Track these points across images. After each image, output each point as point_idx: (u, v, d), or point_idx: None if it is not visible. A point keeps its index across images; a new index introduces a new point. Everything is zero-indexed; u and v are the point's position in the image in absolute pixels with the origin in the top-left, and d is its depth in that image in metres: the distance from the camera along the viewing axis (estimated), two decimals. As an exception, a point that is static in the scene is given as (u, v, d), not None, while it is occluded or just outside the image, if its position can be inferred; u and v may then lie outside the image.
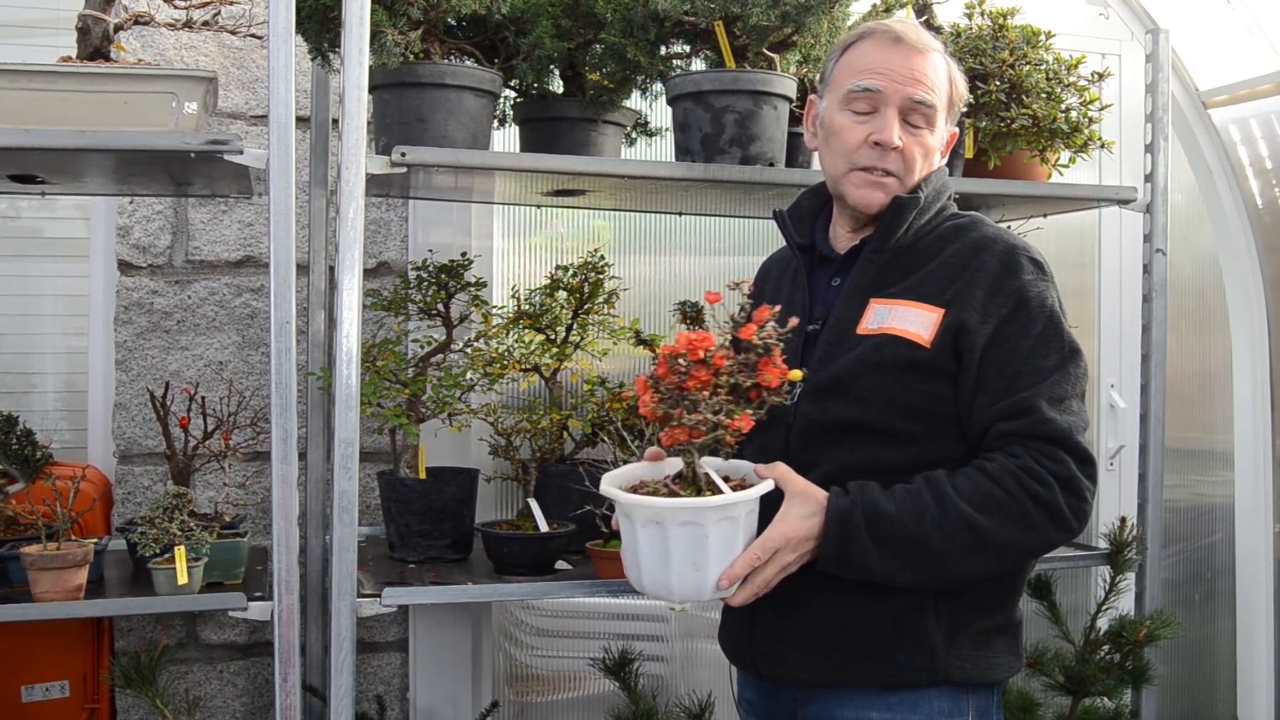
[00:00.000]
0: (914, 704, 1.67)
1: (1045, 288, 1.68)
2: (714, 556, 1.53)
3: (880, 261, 1.75)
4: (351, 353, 1.90)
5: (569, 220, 3.06)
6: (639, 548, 1.56)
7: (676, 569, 1.53)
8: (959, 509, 1.57)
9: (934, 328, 1.65)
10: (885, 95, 1.72)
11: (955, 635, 1.67)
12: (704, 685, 2.75)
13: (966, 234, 1.73)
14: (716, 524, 1.51)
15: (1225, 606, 3.46)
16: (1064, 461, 1.59)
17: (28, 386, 2.77)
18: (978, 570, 1.62)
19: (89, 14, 2.01)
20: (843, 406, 1.68)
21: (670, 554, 1.52)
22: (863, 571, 1.59)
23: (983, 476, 1.59)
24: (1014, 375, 1.63)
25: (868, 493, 1.59)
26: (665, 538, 1.52)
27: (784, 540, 1.56)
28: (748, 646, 1.78)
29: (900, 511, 1.58)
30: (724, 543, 1.53)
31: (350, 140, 1.90)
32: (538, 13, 2.16)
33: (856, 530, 1.57)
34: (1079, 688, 2.47)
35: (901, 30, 1.75)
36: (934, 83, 1.73)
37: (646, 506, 1.52)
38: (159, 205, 2.67)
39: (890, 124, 1.72)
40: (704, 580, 1.54)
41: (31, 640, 2.40)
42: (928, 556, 1.58)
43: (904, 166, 1.74)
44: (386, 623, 2.80)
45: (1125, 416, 3.25)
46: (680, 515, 1.51)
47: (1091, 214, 3.22)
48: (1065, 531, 1.61)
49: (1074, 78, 2.45)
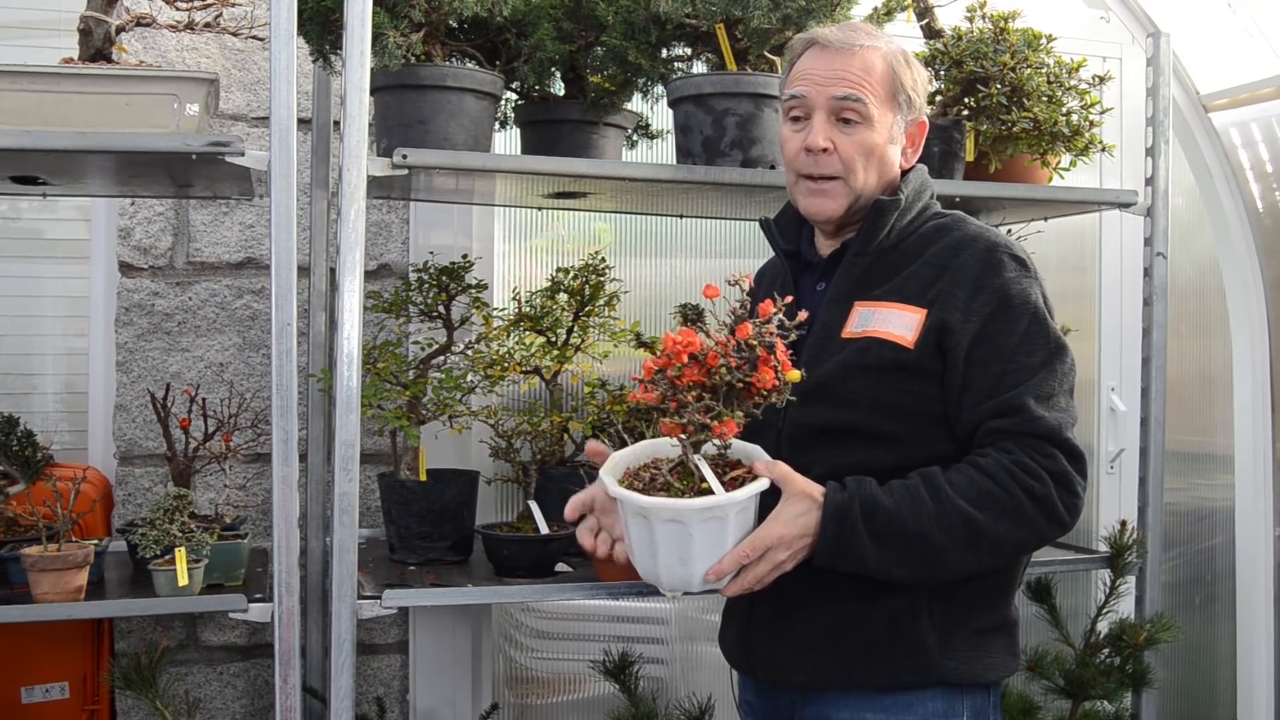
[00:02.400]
0: (909, 705, 1.67)
1: (1028, 285, 1.68)
2: (699, 553, 1.53)
3: (863, 264, 1.75)
4: (352, 355, 1.90)
5: (570, 222, 3.06)
6: (630, 535, 1.58)
7: (664, 563, 1.55)
8: (955, 504, 1.57)
9: (917, 329, 1.66)
10: (811, 100, 1.73)
11: (949, 636, 1.67)
12: (704, 688, 2.75)
13: (948, 233, 1.73)
14: (701, 524, 1.52)
15: (1225, 610, 3.46)
16: (1055, 457, 1.60)
17: (28, 388, 2.77)
18: (972, 565, 1.62)
19: (91, 15, 2.01)
20: (830, 410, 1.68)
21: (657, 547, 1.54)
22: (858, 566, 1.59)
23: (977, 472, 1.59)
24: (1000, 373, 1.63)
25: (865, 488, 1.59)
26: (651, 531, 1.53)
27: (776, 539, 1.56)
28: (744, 650, 1.79)
29: (898, 506, 1.57)
30: (710, 540, 1.54)
31: (351, 142, 1.90)
32: (539, 15, 2.16)
33: (854, 525, 1.56)
34: (1079, 691, 2.47)
35: (828, 35, 1.75)
36: (861, 78, 1.71)
37: (633, 502, 1.53)
38: (160, 207, 2.67)
39: (817, 128, 1.72)
40: (690, 575, 1.55)
41: (32, 641, 2.40)
42: (924, 551, 1.58)
43: (844, 168, 1.72)
44: (387, 624, 2.80)
45: (1125, 420, 3.25)
46: (663, 514, 1.52)
47: (1092, 217, 3.22)
48: (1058, 526, 1.62)
49: (1075, 81, 2.45)
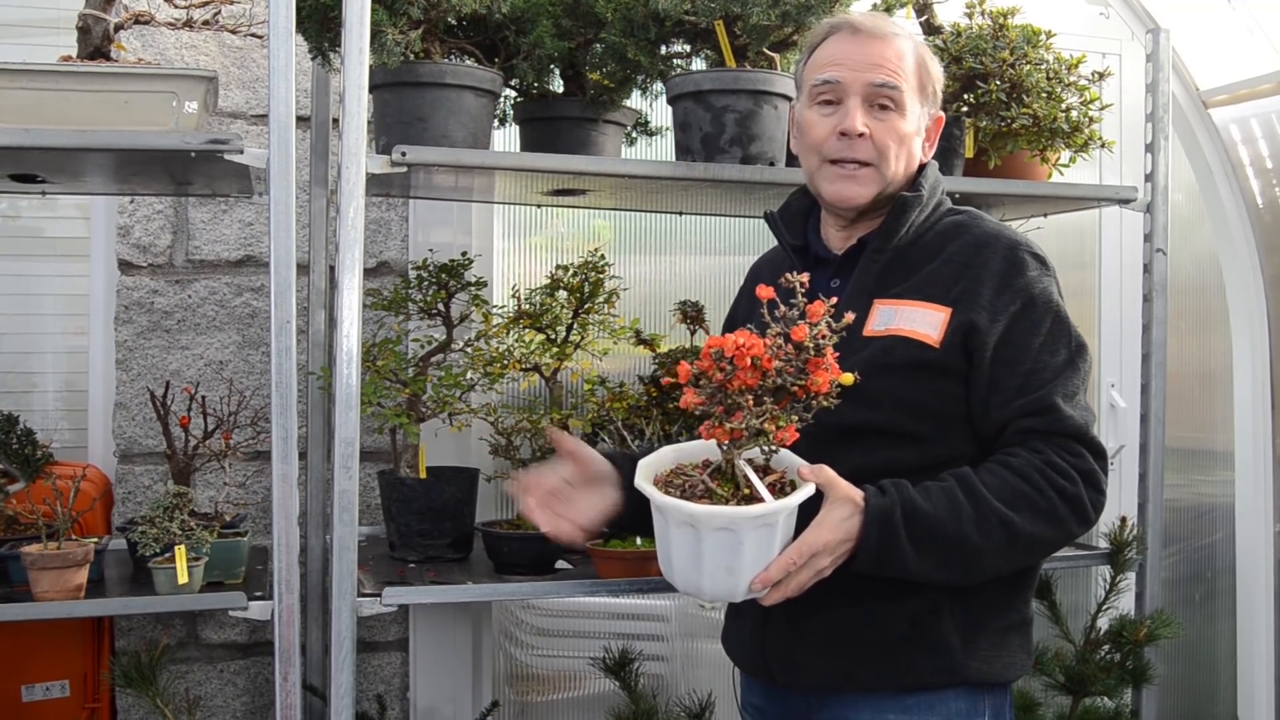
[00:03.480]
0: (931, 705, 1.65)
1: (1049, 283, 1.69)
2: (749, 562, 1.49)
3: (882, 261, 1.73)
4: (352, 352, 1.90)
5: (569, 220, 3.06)
6: (671, 545, 1.52)
7: (709, 571, 1.50)
8: (993, 507, 1.56)
9: (942, 327, 1.64)
10: (846, 85, 1.70)
11: (973, 635, 1.66)
12: (704, 685, 2.75)
13: (967, 231, 1.73)
14: (754, 531, 1.47)
15: (1225, 606, 3.46)
16: (1083, 456, 1.61)
17: (28, 386, 2.77)
18: (1006, 566, 1.62)
19: (89, 13, 2.01)
20: (853, 409, 1.63)
21: (703, 556, 1.49)
22: (899, 571, 1.56)
23: (1010, 473, 1.59)
24: (1028, 373, 1.63)
25: (904, 491, 1.57)
26: (699, 540, 1.48)
27: (822, 545, 1.52)
28: (759, 652, 1.76)
29: (937, 510, 1.56)
30: (760, 548, 1.49)
31: (350, 140, 1.90)
32: (538, 12, 2.16)
33: (895, 530, 1.54)
34: (1079, 687, 2.47)
35: (860, 20, 1.73)
36: (896, 66, 1.70)
37: (681, 510, 1.47)
38: (159, 205, 2.67)
39: (853, 112, 1.69)
40: (736, 584, 1.51)
41: (32, 640, 2.40)
42: (964, 554, 1.56)
43: (877, 154, 1.70)
44: (387, 622, 2.80)
45: (1125, 416, 3.25)
46: (716, 521, 1.46)
47: (1092, 213, 3.22)
48: (1085, 524, 1.63)
49: (1074, 77, 2.45)
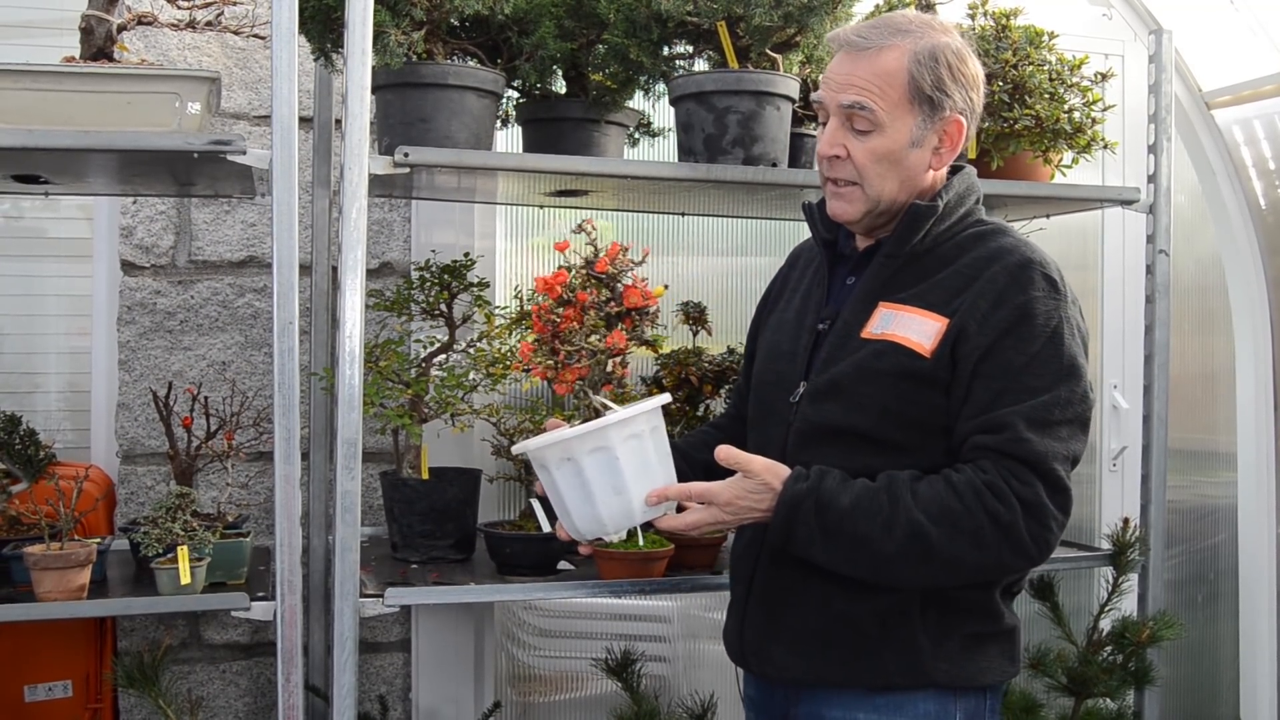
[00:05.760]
0: (900, 706, 1.66)
1: (1055, 306, 1.62)
2: (631, 476, 1.57)
3: (894, 265, 1.71)
4: (354, 353, 1.90)
5: (572, 221, 3.05)
6: (562, 494, 1.60)
7: (600, 499, 1.58)
8: (910, 515, 1.54)
9: (936, 338, 1.62)
10: (827, 105, 1.70)
11: (942, 639, 1.65)
12: (706, 686, 2.75)
13: (984, 243, 1.68)
14: (624, 442, 1.56)
15: (1228, 608, 3.45)
16: (1033, 485, 1.54)
17: (31, 386, 2.77)
18: (927, 579, 1.60)
19: (92, 14, 2.01)
20: (839, 411, 1.66)
21: (590, 485, 1.57)
22: (808, 555, 1.61)
23: (945, 486, 1.56)
24: (1000, 390, 1.58)
25: (825, 480, 1.59)
26: (580, 472, 1.56)
27: (724, 500, 1.59)
28: (739, 644, 1.79)
29: (852, 506, 1.56)
30: (637, 461, 1.58)
31: (353, 140, 1.90)
32: (540, 13, 2.16)
33: (805, 517, 1.57)
34: (1082, 689, 2.47)
35: (849, 36, 1.69)
36: (867, 84, 1.64)
37: (554, 444, 1.56)
38: (162, 205, 2.67)
39: (829, 134, 1.69)
40: (629, 503, 1.59)
41: (34, 640, 2.40)
42: (869, 555, 1.57)
43: (858, 174, 1.67)
44: (389, 623, 2.80)
45: (1128, 417, 3.25)
46: (587, 442, 1.55)
47: (1094, 214, 3.22)
48: (1022, 557, 1.56)
49: (1077, 78, 2.45)
